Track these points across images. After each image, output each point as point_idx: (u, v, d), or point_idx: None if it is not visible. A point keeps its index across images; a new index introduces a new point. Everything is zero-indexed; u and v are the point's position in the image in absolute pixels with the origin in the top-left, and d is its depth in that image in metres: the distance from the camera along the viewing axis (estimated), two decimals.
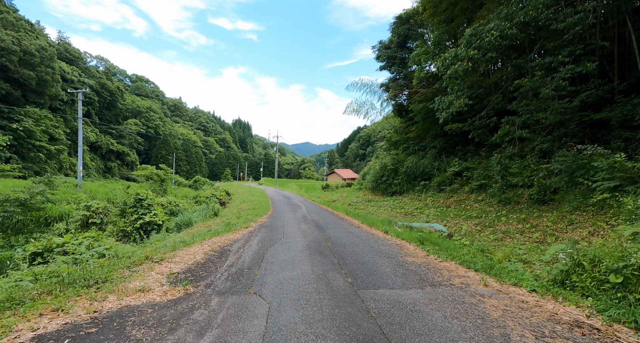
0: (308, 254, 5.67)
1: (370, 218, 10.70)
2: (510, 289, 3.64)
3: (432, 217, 12.61)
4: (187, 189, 45.97)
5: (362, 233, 8.03)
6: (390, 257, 5.46)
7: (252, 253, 5.66)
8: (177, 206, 20.45)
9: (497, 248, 6.81)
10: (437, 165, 18.71)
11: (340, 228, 8.91)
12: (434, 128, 19.09)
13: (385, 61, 22.00)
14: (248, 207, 15.13)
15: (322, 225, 9.52)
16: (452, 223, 10.84)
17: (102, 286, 3.30)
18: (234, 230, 8.09)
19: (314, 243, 6.77)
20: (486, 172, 15.12)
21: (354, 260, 5.24)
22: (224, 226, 8.55)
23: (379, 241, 7.00)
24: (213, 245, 6.13)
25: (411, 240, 6.88)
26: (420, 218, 12.75)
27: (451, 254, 5.47)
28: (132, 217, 15.36)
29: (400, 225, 8.99)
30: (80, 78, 59.63)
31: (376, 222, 9.80)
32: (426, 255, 5.61)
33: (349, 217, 11.98)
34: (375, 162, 29.22)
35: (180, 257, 5.07)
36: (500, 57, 9.02)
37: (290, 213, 13.25)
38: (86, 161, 65.07)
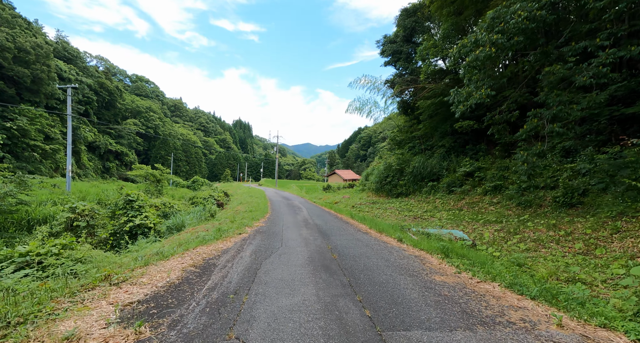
0: (311, 270, 4.61)
1: (379, 223, 9.63)
2: (599, 334, 2.58)
3: (445, 222, 11.54)
4: (185, 190, 44.95)
5: (373, 242, 6.97)
6: (414, 275, 4.40)
7: (242, 269, 4.60)
8: (172, 207, 19.44)
9: (534, 261, 5.75)
10: (446, 165, 17.64)
11: (346, 235, 7.85)
12: (443, 126, 18.03)
13: (390, 56, 20.97)
14: (245, 209, 14.07)
15: (326, 231, 8.46)
16: (470, 229, 9.78)
17: (10, 334, 2.24)
18: (225, 237, 7.03)
19: (318, 254, 5.71)
20: (501, 172, 14.06)
21: (369, 280, 4.18)
22: (214, 232, 7.49)
23: (394, 252, 5.94)
24: (196, 258, 5.07)
25: (432, 250, 5.82)
26: (431, 223, 11.68)
27: (487, 271, 4.41)
28: (121, 219, 14.36)
29: (414, 231, 7.93)
30: (78, 77, 58.73)
31: (386, 227, 8.74)
32: (457, 272, 4.55)
33: (355, 221, 10.91)
34: (379, 162, 28.14)
35: (150, 275, 4.02)
36: (526, 43, 7.99)
37: (290, 216, 12.18)
38: (84, 161, 64.20)
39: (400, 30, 20.15)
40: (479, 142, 17.80)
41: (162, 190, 28.96)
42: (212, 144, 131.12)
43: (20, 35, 41.77)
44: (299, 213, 13.42)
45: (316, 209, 15.71)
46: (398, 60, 20.41)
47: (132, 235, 13.43)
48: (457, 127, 16.59)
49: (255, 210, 13.71)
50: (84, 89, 59.92)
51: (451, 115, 18.59)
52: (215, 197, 27.62)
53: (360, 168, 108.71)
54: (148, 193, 25.31)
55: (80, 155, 63.53)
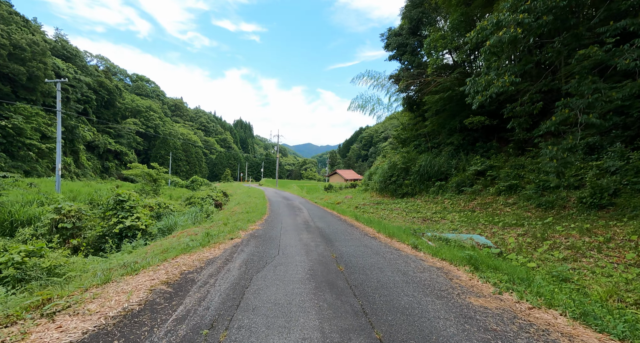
0: (313, 288, 3.68)
1: (388, 226, 8.70)
2: None
3: (458, 224, 10.58)
4: (184, 190, 44.11)
5: (383, 249, 6.03)
6: (443, 297, 3.47)
7: (227, 286, 3.68)
8: (167, 208, 18.57)
9: (579, 274, 4.80)
10: (454, 164, 16.67)
11: (352, 240, 6.91)
12: (451, 122, 17.07)
13: (395, 50, 20.00)
14: (241, 210, 13.15)
15: (329, 235, 7.53)
16: (488, 233, 8.83)
17: None
18: (213, 243, 6.09)
19: (321, 265, 4.78)
20: (516, 171, 13.10)
21: (387, 304, 3.25)
22: (201, 237, 6.56)
23: (411, 262, 5.01)
24: (172, 272, 4.14)
25: (456, 260, 4.89)
26: (443, 225, 10.72)
27: (537, 292, 3.47)
28: (111, 221, 13.48)
29: (430, 236, 6.99)
30: (76, 75, 57.96)
31: (396, 231, 7.81)
32: (496, 292, 3.60)
33: (360, 223, 9.97)
34: (382, 161, 27.18)
35: (104, 298, 3.10)
36: (555, 24, 7.06)
37: (290, 217, 11.25)
38: (82, 161, 63.53)
39: (405, 23, 19.20)
40: (490, 139, 16.83)
41: (159, 190, 28.11)
42: (212, 143, 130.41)
43: (17, 32, 41.00)
44: (299, 214, 12.49)
45: (318, 210, 14.78)
46: (403, 54, 19.45)
47: (123, 237, 12.58)
48: (467, 123, 15.64)
49: (252, 211, 12.79)
50: (82, 87, 59.12)
51: (460, 111, 17.64)
52: (214, 197, 26.79)
53: (361, 168, 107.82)
54: (143, 193, 24.43)
55: (79, 155, 62.85)
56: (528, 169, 12.87)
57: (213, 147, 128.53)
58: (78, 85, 57.22)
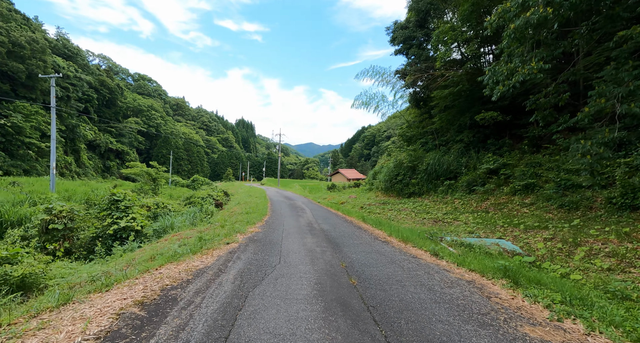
0: (321, 311, 2.96)
1: (399, 229, 7.96)
2: None
3: (473, 226, 9.81)
4: (185, 189, 43.53)
5: (399, 256, 5.30)
6: (487, 324, 2.73)
7: (215, 308, 2.96)
8: (165, 208, 17.92)
9: (637, 290, 4.05)
10: (464, 162, 15.87)
11: (362, 245, 6.18)
12: (461, 118, 16.26)
13: (401, 44, 19.21)
14: (241, 211, 12.45)
15: (336, 239, 6.80)
16: (509, 236, 8.06)
17: None
18: (206, 249, 5.38)
19: (329, 277, 4.06)
20: (532, 169, 12.31)
21: (419, 335, 2.52)
22: (194, 241, 5.86)
23: (434, 273, 4.28)
24: (152, 287, 3.43)
25: (488, 272, 4.14)
26: (457, 227, 9.95)
27: (609, 320, 2.73)
28: (105, 221, 12.84)
29: (450, 241, 6.23)
30: (77, 74, 57.54)
31: (410, 234, 7.07)
32: (554, 318, 2.86)
33: (369, 225, 9.23)
34: (387, 159, 26.40)
35: (54, 328, 2.40)
36: (589, 3, 6.29)
37: (292, 218, 10.53)
38: (83, 160, 63.27)
39: (412, 15, 18.40)
40: (502, 136, 16.02)
41: (158, 189, 27.49)
42: (214, 143, 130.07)
43: (16, 30, 40.55)
44: (302, 215, 11.77)
45: (321, 210, 14.05)
46: (410, 47, 18.66)
47: (117, 238, 11.94)
48: (478, 119, 14.82)
49: (252, 211, 12.08)
50: (82, 86, 58.71)
51: (470, 106, 16.84)
52: (214, 196, 26.21)
53: (364, 167, 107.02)
54: (141, 193, 23.81)
55: (80, 154, 62.56)
56: (546, 167, 12.08)
57: (215, 147, 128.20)
58: (79, 84, 56.78)
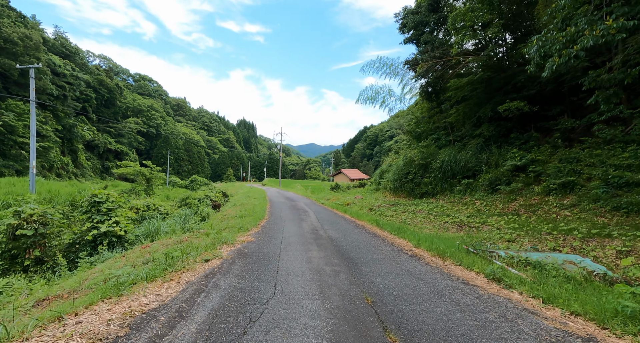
0: None
1: (425, 237, 6.40)
2: None
3: (510, 233, 8.20)
4: (183, 190, 42.11)
5: (445, 282, 3.75)
6: None
7: None
8: (157, 210, 16.45)
9: None
10: (485, 159, 14.24)
11: (387, 262, 4.64)
12: (481, 109, 14.64)
13: (411, 31, 17.65)
14: (236, 214, 10.93)
15: (349, 252, 5.27)
16: (566, 247, 6.49)
17: None
18: (173, 270, 3.86)
19: (352, 327, 2.52)
20: (569, 165, 10.68)
21: None
22: (163, 258, 4.33)
23: (517, 319, 2.73)
24: None
25: (609, 320, 2.60)
26: (491, 234, 8.36)
27: None
28: (84, 226, 11.39)
29: (506, 258, 4.66)
30: (74, 72, 56.29)
31: (442, 245, 5.51)
32: None
33: (386, 231, 7.67)
34: (395, 157, 24.82)
35: None
36: None
37: (294, 223, 8.98)
38: (81, 160, 62.15)
39: None
40: (526, 130, 14.35)
41: (152, 190, 26.05)
42: (215, 143, 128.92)
43: (8, 26, 39.31)
44: (305, 219, 10.21)
45: (326, 213, 12.51)
46: (421, 34, 17.09)
47: (98, 245, 10.46)
48: (501, 110, 13.21)
49: (248, 214, 10.55)
50: (80, 85, 57.47)
51: (491, 97, 15.22)
52: (212, 197, 24.80)
53: (366, 167, 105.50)
54: (133, 194, 22.37)
55: (78, 154, 61.40)
56: (586, 163, 10.47)
57: (216, 147, 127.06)
58: (75, 83, 55.52)
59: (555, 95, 13.52)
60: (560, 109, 13.28)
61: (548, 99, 13.63)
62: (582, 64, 11.42)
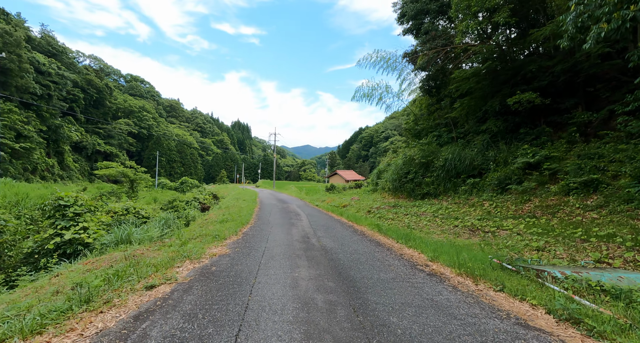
0: None
1: (442, 246, 5.20)
2: None
3: (535, 239, 7.03)
4: (172, 192, 40.50)
5: (494, 323, 2.53)
6: None
7: None
8: (138, 213, 14.96)
9: None
10: (492, 156, 13.14)
11: (399, 285, 3.41)
12: (489, 102, 13.52)
13: (411, 21, 16.55)
14: (217, 219, 9.60)
15: (349, 269, 4.03)
16: (616, 258, 5.36)
17: None
18: (84, 311, 2.60)
19: None
20: (591, 162, 9.59)
21: None
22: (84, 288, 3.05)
23: None
24: None
25: None
26: (513, 240, 7.18)
27: None
28: (46, 233, 9.93)
29: (566, 280, 3.43)
30: (59, 71, 54.32)
31: (464, 257, 4.32)
32: None
33: (390, 239, 6.43)
34: (394, 156, 23.68)
35: None
36: None
37: (282, 229, 7.71)
38: (68, 162, 60.02)
39: None
40: (536, 124, 13.26)
41: (136, 192, 24.48)
42: (209, 144, 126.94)
43: None
44: (296, 223, 8.93)
45: (320, 216, 11.25)
46: (422, 24, 16.00)
47: (62, 255, 9.03)
48: (511, 102, 12.09)
49: (231, 219, 9.25)
50: (66, 84, 55.47)
51: (498, 89, 14.15)
52: (201, 199, 23.40)
53: (362, 168, 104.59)
54: (112, 196, 20.86)
55: (64, 156, 59.30)
56: (609, 159, 9.38)
57: (210, 149, 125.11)
58: (61, 82, 53.54)
59: (568, 87, 12.46)
60: (574, 102, 12.21)
61: (561, 90, 12.56)
62: (602, 49, 10.44)
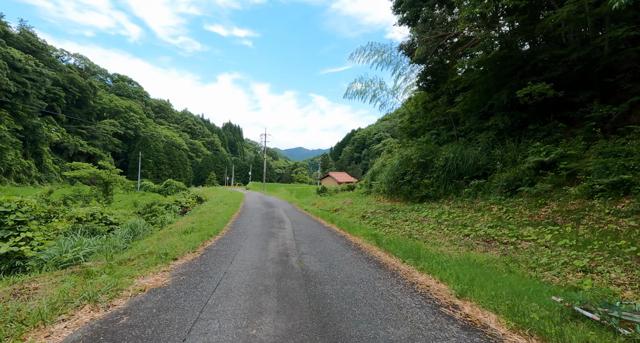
0: None
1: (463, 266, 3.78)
2: None
3: (569, 254, 5.68)
4: (155, 195, 38.41)
5: None
6: None
7: None
8: (105, 219, 13.19)
9: None
10: (499, 155, 11.87)
11: None
12: (496, 95, 12.26)
13: (407, 9, 15.28)
14: (182, 228, 7.97)
15: (339, 318, 2.57)
16: None
17: None
18: None
19: None
20: (617, 160, 8.34)
21: None
22: None
23: None
24: None
25: None
26: (542, 255, 5.83)
27: None
28: None
29: None
30: (37, 68, 51.59)
31: (507, 291, 2.93)
32: None
33: (395, 258, 4.95)
34: (388, 157, 22.36)
35: None
36: None
37: (257, 242, 6.17)
38: (47, 164, 57.14)
39: None
40: (546, 121, 12.01)
41: (111, 195, 22.53)
42: (199, 146, 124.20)
43: None
44: (277, 234, 7.40)
45: (308, 223, 9.74)
46: (419, 12, 14.74)
47: None
48: (521, 95, 10.81)
49: (199, 228, 7.67)
50: (45, 82, 52.71)
51: (502, 83, 12.96)
52: (183, 203, 21.67)
53: (354, 170, 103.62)
54: (79, 199, 18.97)
55: (43, 157, 56.45)
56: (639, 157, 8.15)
57: (200, 150, 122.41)
58: (39, 79, 50.81)
59: (582, 78, 11.28)
60: (590, 94, 10.98)
61: (575, 82, 11.37)
62: (628, 33, 9.26)
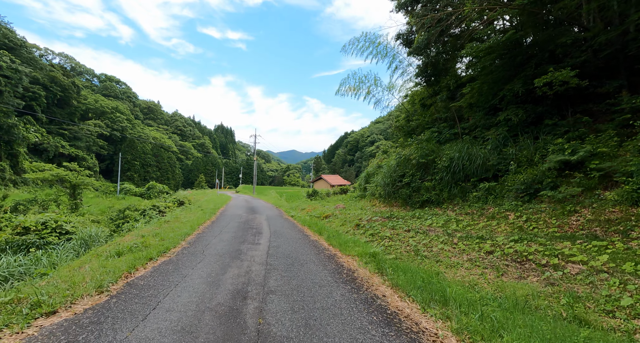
0: None
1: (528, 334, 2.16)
2: None
3: (625, 278, 4.11)
4: (136, 199, 36.10)
5: None
6: None
7: None
8: (60, 228, 11.27)
9: None
10: (512, 154, 10.30)
11: None
12: (508, 86, 10.70)
13: None
14: (117, 248, 6.16)
15: None
16: None
17: None
18: None
19: None
20: None
21: None
22: None
23: None
24: None
25: None
26: (604, 285, 4.24)
27: None
28: None
29: None
30: (13, 64, 48.83)
31: None
32: None
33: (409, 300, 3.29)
34: (384, 158, 20.77)
35: None
36: None
37: (212, 269, 4.37)
38: (24, 166, 54.01)
39: None
40: (564, 115, 10.45)
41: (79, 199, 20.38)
42: (189, 148, 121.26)
43: None
44: (246, 253, 5.62)
45: (291, 236, 7.98)
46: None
47: None
48: (540, 84, 9.25)
49: (146, 245, 5.86)
50: (21, 79, 49.95)
51: (514, 72, 11.50)
52: (161, 208, 19.68)
53: (348, 173, 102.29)
54: (34, 205, 16.83)
55: (19, 159, 53.34)
56: None
57: (190, 152, 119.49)
58: (15, 77, 48.08)
59: (608, 66, 9.84)
60: (617, 84, 9.46)
61: (600, 70, 9.90)
62: None
